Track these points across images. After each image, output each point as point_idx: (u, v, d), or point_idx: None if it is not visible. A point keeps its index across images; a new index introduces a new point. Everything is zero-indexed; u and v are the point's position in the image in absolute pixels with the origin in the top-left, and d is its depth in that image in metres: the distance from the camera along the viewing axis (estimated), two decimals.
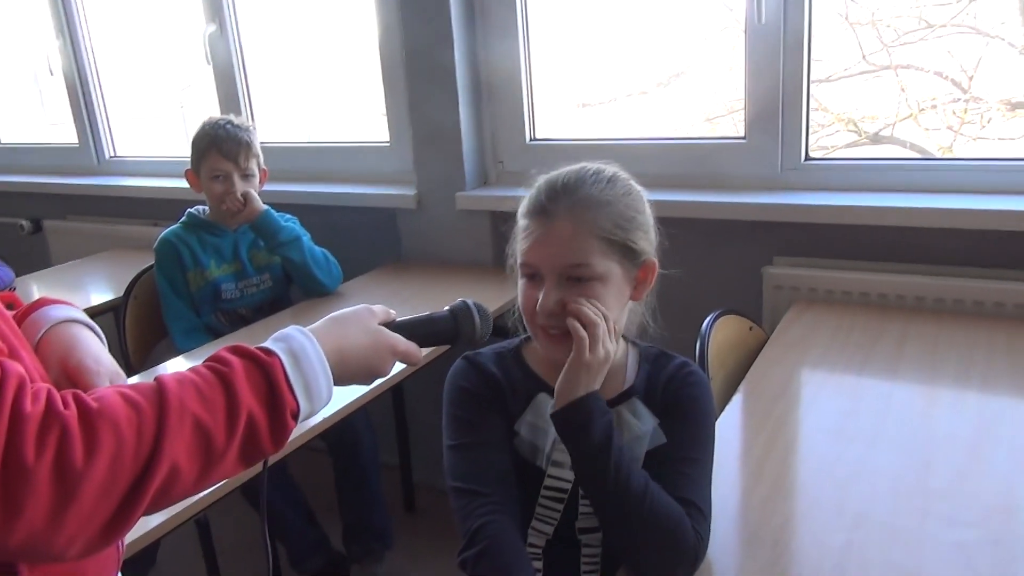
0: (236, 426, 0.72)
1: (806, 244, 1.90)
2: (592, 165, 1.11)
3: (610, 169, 1.11)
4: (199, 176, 2.14)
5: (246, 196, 2.09)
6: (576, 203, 1.05)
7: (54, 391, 0.66)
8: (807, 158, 1.96)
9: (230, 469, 0.74)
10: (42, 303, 0.93)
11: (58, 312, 0.92)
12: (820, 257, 1.90)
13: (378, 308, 0.94)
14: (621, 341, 1.13)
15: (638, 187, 1.13)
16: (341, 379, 0.86)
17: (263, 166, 2.18)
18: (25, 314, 0.92)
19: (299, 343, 0.81)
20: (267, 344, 0.80)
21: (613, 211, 1.06)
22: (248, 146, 2.11)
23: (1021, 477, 1.12)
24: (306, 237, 2.17)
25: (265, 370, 0.76)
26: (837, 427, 1.30)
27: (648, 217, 1.12)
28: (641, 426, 1.11)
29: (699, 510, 1.02)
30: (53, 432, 0.63)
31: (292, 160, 2.65)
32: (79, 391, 0.68)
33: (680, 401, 1.11)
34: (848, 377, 1.50)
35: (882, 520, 1.05)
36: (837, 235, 1.86)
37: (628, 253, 1.08)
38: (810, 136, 1.96)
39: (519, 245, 1.10)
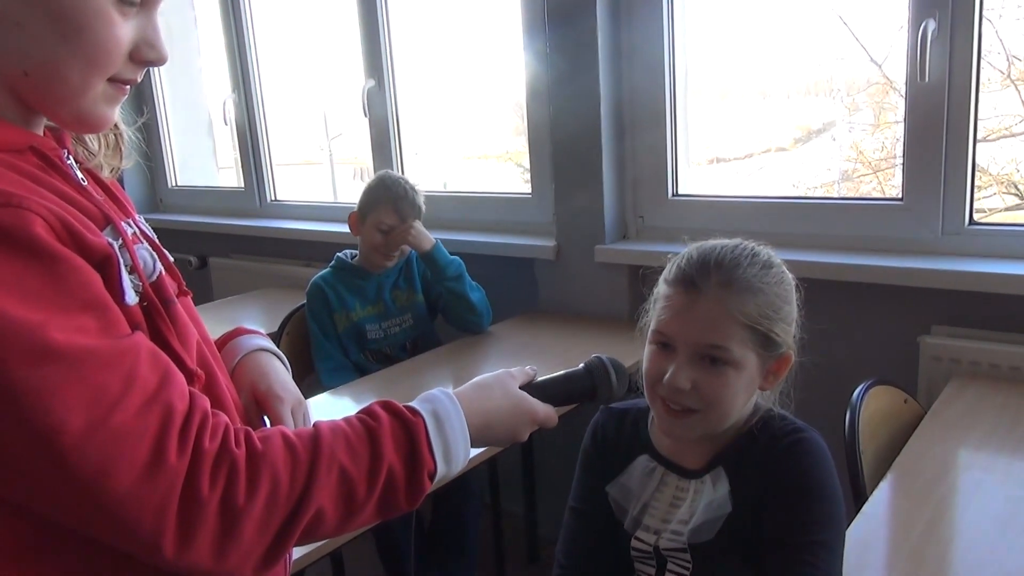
0: (377, 480, 0.76)
1: (968, 314, 1.78)
2: (749, 244, 1.07)
3: (765, 252, 1.07)
4: (364, 222, 2.23)
5: (414, 232, 2.15)
6: (727, 283, 1.02)
7: (230, 427, 0.71)
8: (971, 222, 1.85)
9: (368, 519, 0.77)
10: (239, 332, 1.02)
11: (252, 341, 1.00)
12: (984, 328, 1.77)
13: (517, 371, 0.95)
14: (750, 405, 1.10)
15: (790, 275, 1.09)
16: (480, 443, 0.88)
17: None
18: (225, 341, 1.00)
19: (444, 407, 0.83)
20: (414, 404, 0.83)
21: (762, 300, 1.02)
22: (420, 211, 2.21)
23: None
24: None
25: (409, 429, 0.79)
26: (1007, 516, 1.19)
27: (794, 308, 1.07)
28: (715, 494, 1.07)
29: None
30: (223, 469, 0.68)
31: (436, 208, 2.75)
32: (250, 429, 0.73)
33: (788, 475, 1.03)
34: (1018, 462, 1.38)
35: None
36: (1004, 305, 1.73)
37: (768, 344, 1.04)
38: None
39: (656, 311, 1.07)
